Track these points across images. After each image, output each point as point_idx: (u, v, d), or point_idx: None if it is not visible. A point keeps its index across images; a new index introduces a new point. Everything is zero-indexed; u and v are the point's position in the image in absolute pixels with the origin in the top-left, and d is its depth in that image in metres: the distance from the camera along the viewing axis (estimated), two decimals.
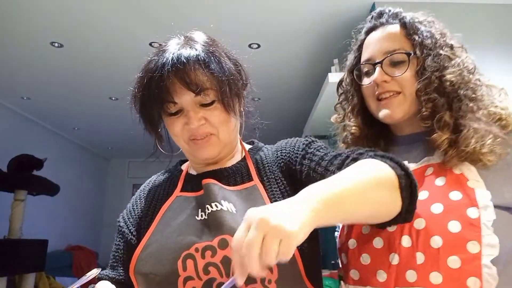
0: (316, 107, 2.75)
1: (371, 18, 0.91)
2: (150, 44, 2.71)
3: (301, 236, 0.49)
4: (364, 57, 0.88)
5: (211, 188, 0.80)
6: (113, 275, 0.83)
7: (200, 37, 0.82)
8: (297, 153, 0.82)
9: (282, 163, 0.84)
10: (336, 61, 2.39)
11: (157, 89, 0.76)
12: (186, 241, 0.74)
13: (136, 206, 0.90)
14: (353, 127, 0.92)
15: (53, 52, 2.91)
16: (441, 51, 0.80)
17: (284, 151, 0.85)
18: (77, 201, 5.28)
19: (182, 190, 0.86)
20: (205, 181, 0.82)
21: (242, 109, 0.88)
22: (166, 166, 0.98)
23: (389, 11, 0.89)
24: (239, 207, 0.77)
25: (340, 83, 0.99)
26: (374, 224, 0.71)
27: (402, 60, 0.82)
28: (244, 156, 0.89)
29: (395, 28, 0.85)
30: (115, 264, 0.86)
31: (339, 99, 0.99)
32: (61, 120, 4.50)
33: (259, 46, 2.82)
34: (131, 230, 0.87)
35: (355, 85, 0.92)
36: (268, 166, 0.85)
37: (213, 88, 0.77)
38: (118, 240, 0.88)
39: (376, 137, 0.92)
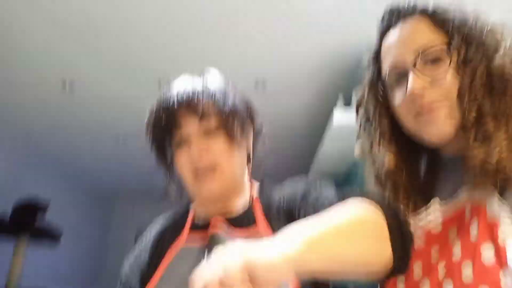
0: (322, 145, 2.73)
1: (382, 19, 0.74)
2: (159, 82, 2.73)
3: (282, 269, 0.46)
4: (386, 65, 0.70)
5: (217, 241, 0.78)
6: None
7: (208, 72, 0.87)
8: (297, 199, 0.81)
9: (285, 208, 0.82)
10: (341, 96, 2.40)
11: (164, 117, 0.80)
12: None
13: (140, 255, 0.88)
14: (387, 158, 0.72)
15: (60, 94, 2.95)
16: (482, 35, 0.64)
17: (288, 197, 0.84)
18: (79, 248, 5.16)
19: (187, 241, 0.84)
20: (212, 231, 0.80)
21: (249, 147, 0.87)
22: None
23: (404, 5, 0.71)
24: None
25: (359, 104, 0.80)
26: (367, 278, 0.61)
27: (439, 57, 0.64)
28: (252, 203, 0.87)
29: (418, 19, 0.68)
30: None
31: (360, 124, 0.81)
32: (65, 162, 4.49)
33: (264, 83, 2.85)
34: (133, 278, 0.84)
35: (380, 104, 0.74)
36: (274, 211, 0.83)
37: (216, 115, 0.80)
38: None
39: (417, 165, 0.75)
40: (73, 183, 5.07)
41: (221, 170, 0.80)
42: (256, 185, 0.93)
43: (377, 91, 0.73)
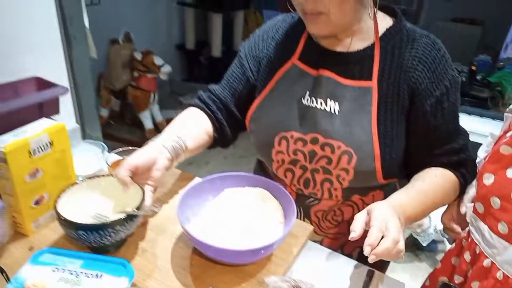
0: None
1: None
2: None
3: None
4: None
5: (324, 83, 0.83)
6: (219, 93, 0.96)
7: None
8: (432, 94, 0.80)
9: (415, 82, 0.80)
10: None
11: None
12: (286, 125, 0.86)
13: (259, 46, 0.94)
14: None
15: None
16: None
17: (427, 75, 0.79)
18: None
19: (299, 58, 0.88)
20: (321, 73, 0.84)
21: None
22: None
23: None
24: (344, 108, 0.82)
25: None
26: None
27: None
28: (374, 43, 0.83)
29: None
30: (226, 86, 0.97)
31: None
32: None
33: None
34: (251, 67, 0.94)
35: None
36: (395, 69, 0.81)
37: None
38: (236, 68, 0.96)
39: None
40: None
41: (328, 17, 0.76)
42: (385, 20, 0.85)
43: None
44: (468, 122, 1.94)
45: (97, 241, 0.67)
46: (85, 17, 1.27)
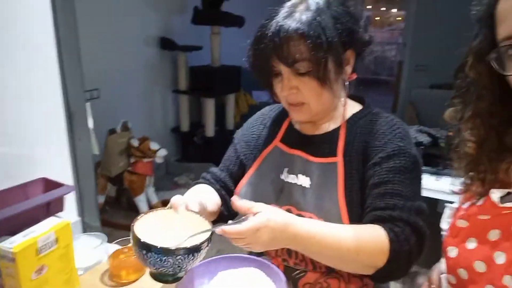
0: None
1: None
2: None
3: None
4: (504, 32, 0.60)
5: (296, 160, 0.96)
6: (219, 174, 1.07)
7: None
8: (373, 158, 0.87)
9: (364, 152, 0.90)
10: None
11: (260, 56, 0.88)
12: (267, 199, 0.95)
13: (249, 132, 1.09)
14: (469, 144, 0.68)
15: None
16: None
17: (374, 144, 0.89)
18: None
19: (281, 140, 1.02)
20: (295, 152, 0.97)
21: (348, 72, 0.91)
22: None
23: None
24: (314, 181, 0.92)
25: (460, 69, 0.70)
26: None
27: None
28: (340, 128, 0.95)
29: None
30: (223, 168, 1.09)
31: (457, 90, 0.72)
32: None
33: None
34: (243, 151, 1.08)
35: (487, 78, 0.64)
36: (356, 145, 0.91)
37: (308, 60, 0.83)
38: (232, 151, 1.10)
39: (502, 154, 0.66)
40: None
41: (309, 107, 0.91)
42: (354, 107, 0.98)
43: (486, 57, 0.62)
44: (451, 184, 2.02)
45: (170, 266, 0.69)
46: (89, 120, 1.41)
